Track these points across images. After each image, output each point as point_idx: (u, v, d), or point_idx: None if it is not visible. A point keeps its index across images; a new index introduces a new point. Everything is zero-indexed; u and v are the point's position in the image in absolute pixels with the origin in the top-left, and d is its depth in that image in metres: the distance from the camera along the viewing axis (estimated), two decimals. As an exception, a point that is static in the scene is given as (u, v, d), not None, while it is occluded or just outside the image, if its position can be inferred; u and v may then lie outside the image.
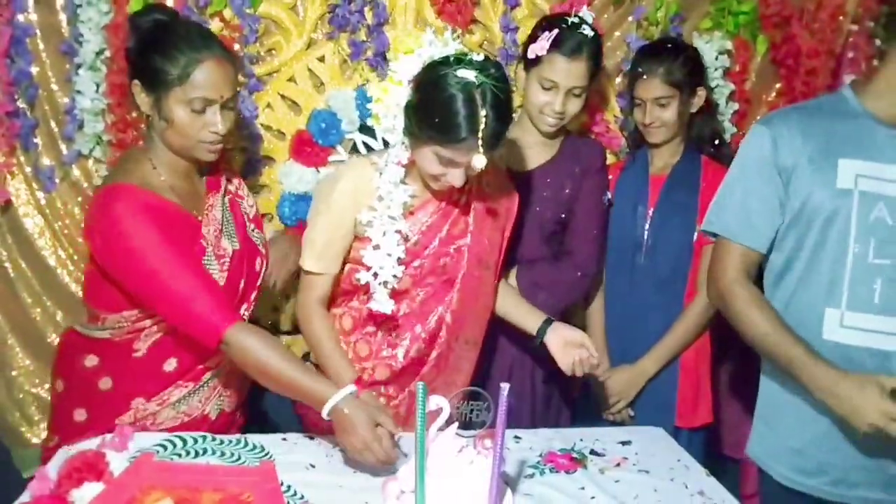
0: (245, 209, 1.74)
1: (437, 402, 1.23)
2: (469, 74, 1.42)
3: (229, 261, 1.59)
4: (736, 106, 2.31)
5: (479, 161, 1.42)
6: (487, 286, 1.74)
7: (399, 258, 1.59)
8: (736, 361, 2.59)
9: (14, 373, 2.17)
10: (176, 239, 1.49)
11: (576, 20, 1.90)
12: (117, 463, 1.35)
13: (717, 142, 2.15)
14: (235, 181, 1.77)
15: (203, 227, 1.57)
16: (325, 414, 1.42)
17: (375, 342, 1.69)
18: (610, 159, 2.26)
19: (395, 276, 1.59)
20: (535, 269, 1.98)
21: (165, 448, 1.48)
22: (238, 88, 1.67)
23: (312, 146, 2.17)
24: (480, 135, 1.40)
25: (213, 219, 1.60)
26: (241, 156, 2.15)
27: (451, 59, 1.47)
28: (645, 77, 2.00)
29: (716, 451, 2.28)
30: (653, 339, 2.05)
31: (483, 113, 1.40)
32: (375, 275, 1.59)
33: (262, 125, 2.16)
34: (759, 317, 1.51)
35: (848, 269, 1.47)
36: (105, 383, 1.61)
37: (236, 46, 2.07)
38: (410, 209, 1.62)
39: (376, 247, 1.58)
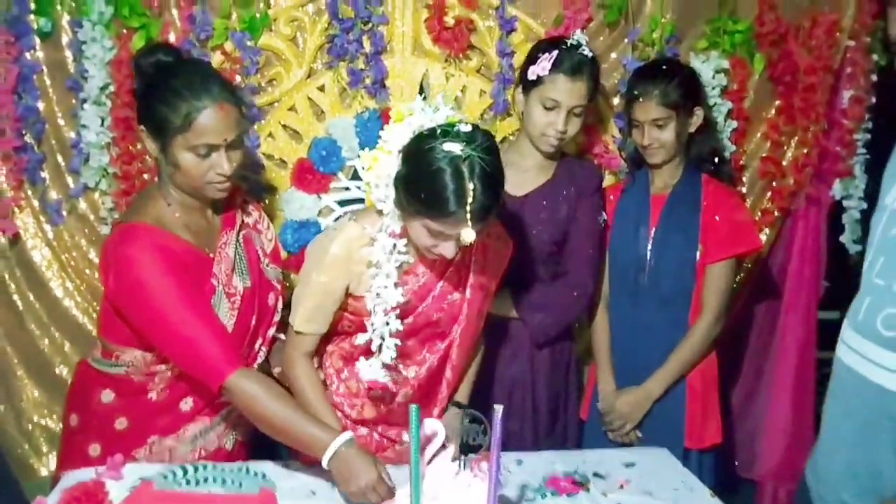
0: (262, 243, 1.74)
1: (432, 426, 1.23)
2: (456, 147, 1.39)
3: (240, 299, 1.60)
4: (735, 124, 2.31)
5: (468, 235, 1.38)
6: (478, 334, 1.74)
7: (395, 330, 1.56)
8: (745, 380, 2.59)
9: (22, 404, 2.20)
10: (186, 281, 1.51)
11: (574, 42, 1.93)
12: (117, 492, 1.36)
13: (716, 160, 2.14)
14: (255, 214, 1.77)
15: (215, 266, 1.58)
16: (325, 462, 1.42)
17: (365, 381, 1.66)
18: (610, 180, 2.28)
19: (389, 347, 1.56)
20: (532, 290, 1.98)
21: (166, 477, 1.48)
22: (247, 127, 1.68)
23: (314, 174, 2.20)
24: (468, 208, 1.37)
25: (225, 257, 1.61)
26: (242, 185, 2.18)
27: (439, 130, 1.42)
28: (641, 99, 2.01)
29: (729, 471, 2.25)
30: (658, 359, 2.04)
31: (471, 186, 1.37)
32: (371, 342, 1.57)
33: (263, 154, 2.20)
34: None
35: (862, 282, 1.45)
36: (121, 423, 1.62)
37: (237, 78, 2.11)
38: (405, 269, 1.60)
39: (371, 313, 1.56)
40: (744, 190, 2.41)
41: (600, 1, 2.19)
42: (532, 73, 1.91)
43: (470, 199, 1.37)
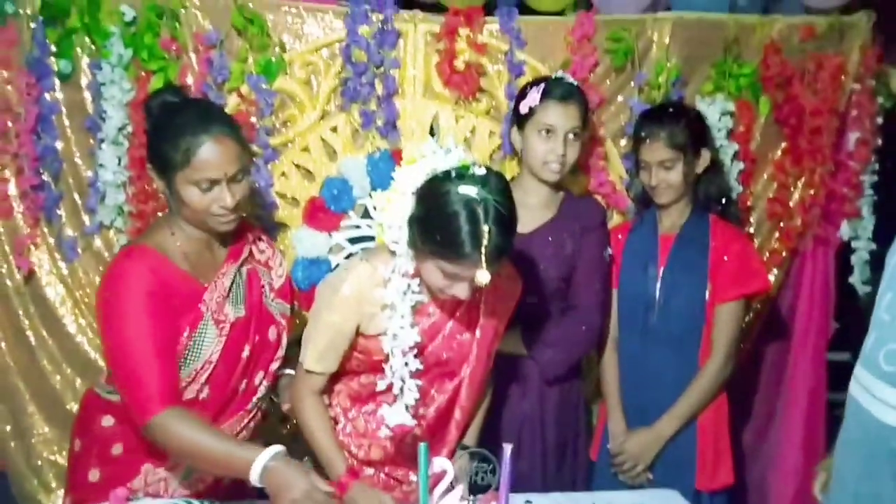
0: (270, 279, 1.75)
1: (441, 464, 1.23)
2: (471, 190, 1.40)
3: (230, 327, 1.61)
4: (741, 165, 2.33)
5: (483, 276, 1.38)
6: (488, 375, 1.74)
7: (415, 370, 1.57)
8: (756, 421, 2.57)
9: (33, 440, 2.20)
10: (164, 312, 1.52)
11: (559, 75, 2.03)
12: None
13: (724, 201, 2.16)
14: (268, 251, 1.78)
15: (206, 294, 1.60)
16: (255, 477, 1.42)
17: (374, 420, 1.66)
18: (617, 219, 2.30)
19: (411, 389, 1.57)
20: (540, 326, 1.99)
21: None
22: (249, 161, 1.70)
23: (325, 212, 2.23)
24: (484, 251, 1.38)
25: (219, 286, 1.63)
26: (256, 223, 2.22)
27: (454, 173, 1.44)
28: (649, 141, 2.04)
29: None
30: (669, 400, 2.03)
31: (486, 229, 1.38)
32: (391, 384, 1.58)
33: (276, 193, 2.23)
34: None
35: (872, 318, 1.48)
36: (117, 449, 1.63)
37: (252, 119, 2.15)
38: (417, 308, 1.61)
39: (389, 356, 1.57)
40: (752, 230, 2.42)
41: (607, 46, 2.24)
42: (524, 106, 1.98)
43: (485, 242, 1.37)
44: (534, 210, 2.02)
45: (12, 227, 2.16)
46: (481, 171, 1.44)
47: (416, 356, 1.56)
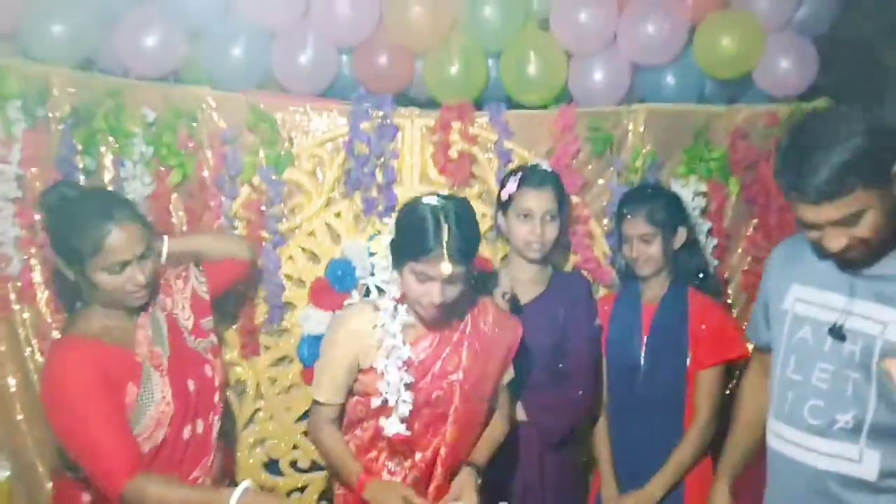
0: (182, 323, 1.88)
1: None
2: (433, 200, 1.75)
3: (166, 364, 1.75)
4: (715, 241, 2.50)
5: (446, 268, 1.66)
6: (481, 416, 1.89)
7: (409, 381, 1.77)
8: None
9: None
10: (106, 387, 1.65)
11: (535, 163, 2.22)
12: None
13: (701, 275, 2.32)
14: (169, 301, 1.88)
15: (137, 347, 1.74)
16: None
17: (376, 467, 1.83)
18: (603, 292, 2.46)
19: (406, 400, 1.76)
20: (538, 393, 2.13)
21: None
22: (152, 238, 1.80)
23: (330, 292, 2.38)
24: (445, 245, 1.66)
25: (143, 335, 1.76)
26: (264, 304, 2.37)
27: (423, 195, 1.80)
28: (630, 217, 2.22)
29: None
30: (658, 463, 2.14)
31: (446, 227, 1.67)
32: (386, 400, 1.77)
33: (284, 275, 2.38)
34: None
35: (776, 380, 1.66)
36: None
37: (263, 207, 2.33)
38: (411, 340, 1.81)
39: (383, 374, 1.77)
40: (730, 301, 2.57)
41: (587, 135, 2.43)
42: (505, 193, 2.18)
43: (446, 238, 1.66)
44: (525, 285, 2.19)
45: (36, 312, 2.29)
46: (444, 193, 1.82)
47: (407, 371, 1.76)
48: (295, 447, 2.40)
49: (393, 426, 1.77)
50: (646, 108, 2.47)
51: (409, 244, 1.71)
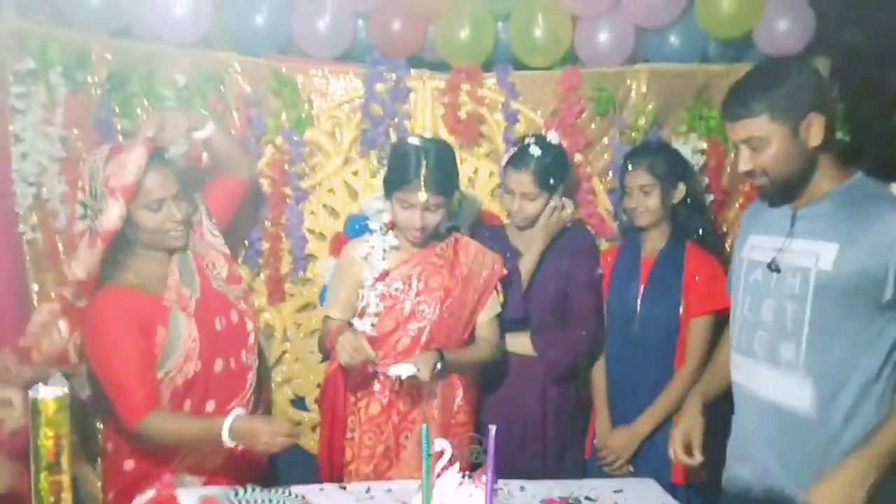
0: (217, 271, 2.11)
1: (441, 445, 1.53)
2: (416, 140, 2.10)
3: (193, 306, 1.99)
4: (712, 196, 2.62)
5: (422, 196, 2.01)
6: (457, 339, 2.15)
7: (380, 292, 2.10)
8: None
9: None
10: (135, 331, 1.90)
11: (532, 139, 2.33)
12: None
13: (700, 231, 2.45)
14: (200, 244, 2.10)
15: (166, 292, 1.98)
16: (226, 438, 1.80)
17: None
18: (605, 245, 2.61)
19: (378, 305, 2.10)
20: (545, 333, 2.35)
21: (227, 496, 1.80)
22: (189, 186, 2.08)
23: (348, 245, 2.57)
24: (422, 178, 1.99)
25: (173, 280, 2.00)
26: (288, 256, 2.56)
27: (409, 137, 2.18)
28: (631, 168, 2.37)
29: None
30: (648, 402, 2.32)
31: (424, 162, 2.01)
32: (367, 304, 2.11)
33: (306, 229, 2.57)
34: None
35: (735, 320, 1.86)
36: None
37: (286, 166, 2.50)
38: (399, 260, 2.13)
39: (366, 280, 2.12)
40: (728, 253, 2.70)
41: (591, 95, 2.55)
42: (500, 167, 2.36)
43: (423, 171, 2.00)
44: (532, 239, 2.36)
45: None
46: (428, 136, 2.21)
47: (383, 284, 2.10)
48: (318, 386, 2.61)
49: (362, 325, 2.06)
50: (648, 68, 2.57)
51: (395, 176, 2.06)
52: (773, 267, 1.74)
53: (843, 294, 1.63)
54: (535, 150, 2.29)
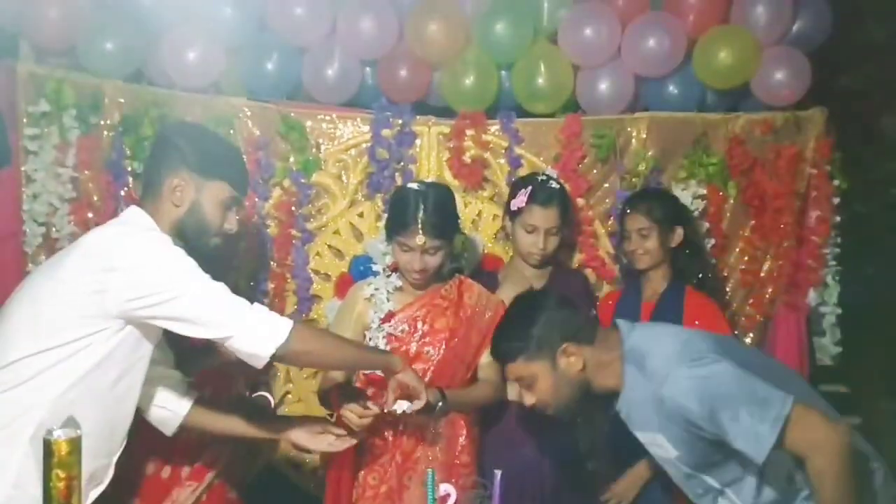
0: None
1: (445, 488, 1.55)
2: (415, 185, 2.17)
3: None
4: (712, 241, 2.65)
5: (419, 239, 2.05)
6: (459, 379, 2.16)
7: (387, 332, 2.13)
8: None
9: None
10: None
11: (544, 177, 2.37)
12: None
13: (700, 275, 2.48)
14: None
15: None
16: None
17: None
18: (607, 288, 2.64)
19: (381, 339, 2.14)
20: None
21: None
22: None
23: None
24: (420, 222, 2.03)
25: None
26: (293, 296, 2.59)
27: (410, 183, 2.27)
28: (630, 212, 2.42)
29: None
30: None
31: (422, 206, 2.05)
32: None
33: (311, 270, 2.60)
34: None
35: None
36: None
37: (293, 208, 2.55)
38: (403, 302, 2.16)
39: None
40: (728, 298, 2.73)
41: (592, 141, 2.60)
42: (513, 206, 2.35)
43: (421, 215, 2.04)
44: (529, 280, 2.39)
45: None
46: (428, 181, 2.27)
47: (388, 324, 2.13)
48: (320, 427, 2.62)
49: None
50: (648, 116, 2.63)
51: (394, 221, 2.11)
52: None
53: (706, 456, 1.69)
54: (555, 184, 2.35)
